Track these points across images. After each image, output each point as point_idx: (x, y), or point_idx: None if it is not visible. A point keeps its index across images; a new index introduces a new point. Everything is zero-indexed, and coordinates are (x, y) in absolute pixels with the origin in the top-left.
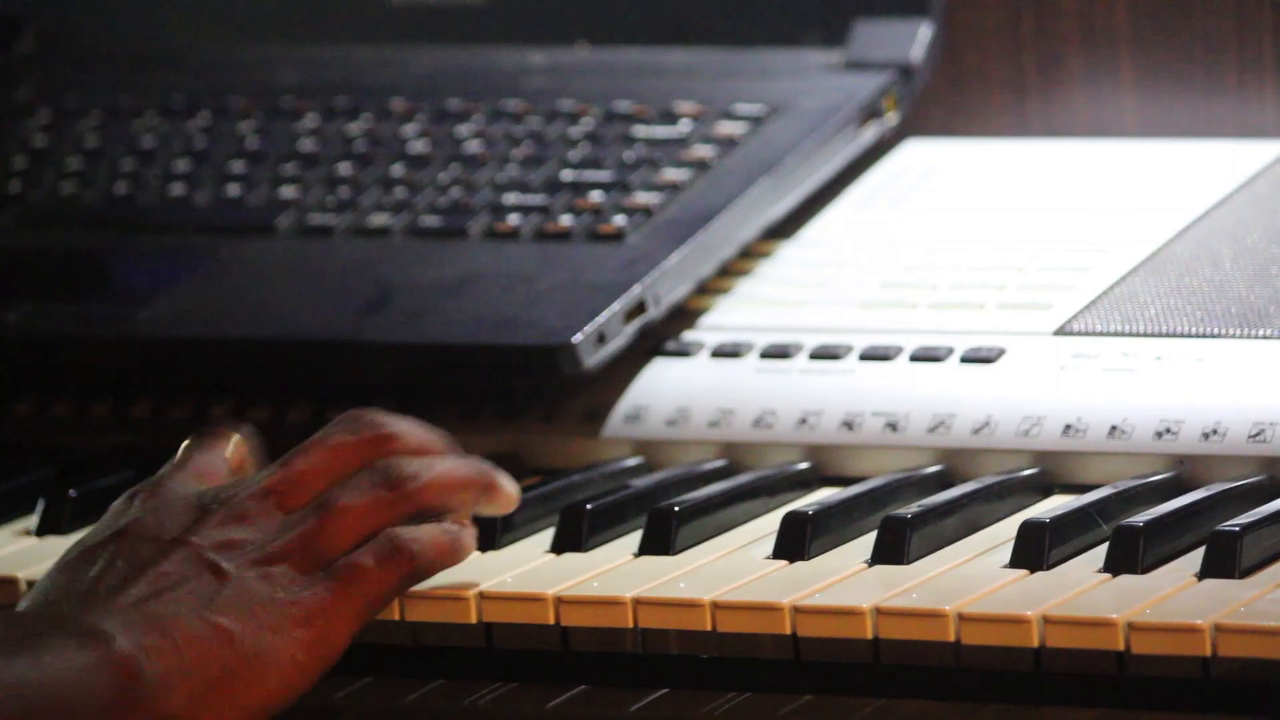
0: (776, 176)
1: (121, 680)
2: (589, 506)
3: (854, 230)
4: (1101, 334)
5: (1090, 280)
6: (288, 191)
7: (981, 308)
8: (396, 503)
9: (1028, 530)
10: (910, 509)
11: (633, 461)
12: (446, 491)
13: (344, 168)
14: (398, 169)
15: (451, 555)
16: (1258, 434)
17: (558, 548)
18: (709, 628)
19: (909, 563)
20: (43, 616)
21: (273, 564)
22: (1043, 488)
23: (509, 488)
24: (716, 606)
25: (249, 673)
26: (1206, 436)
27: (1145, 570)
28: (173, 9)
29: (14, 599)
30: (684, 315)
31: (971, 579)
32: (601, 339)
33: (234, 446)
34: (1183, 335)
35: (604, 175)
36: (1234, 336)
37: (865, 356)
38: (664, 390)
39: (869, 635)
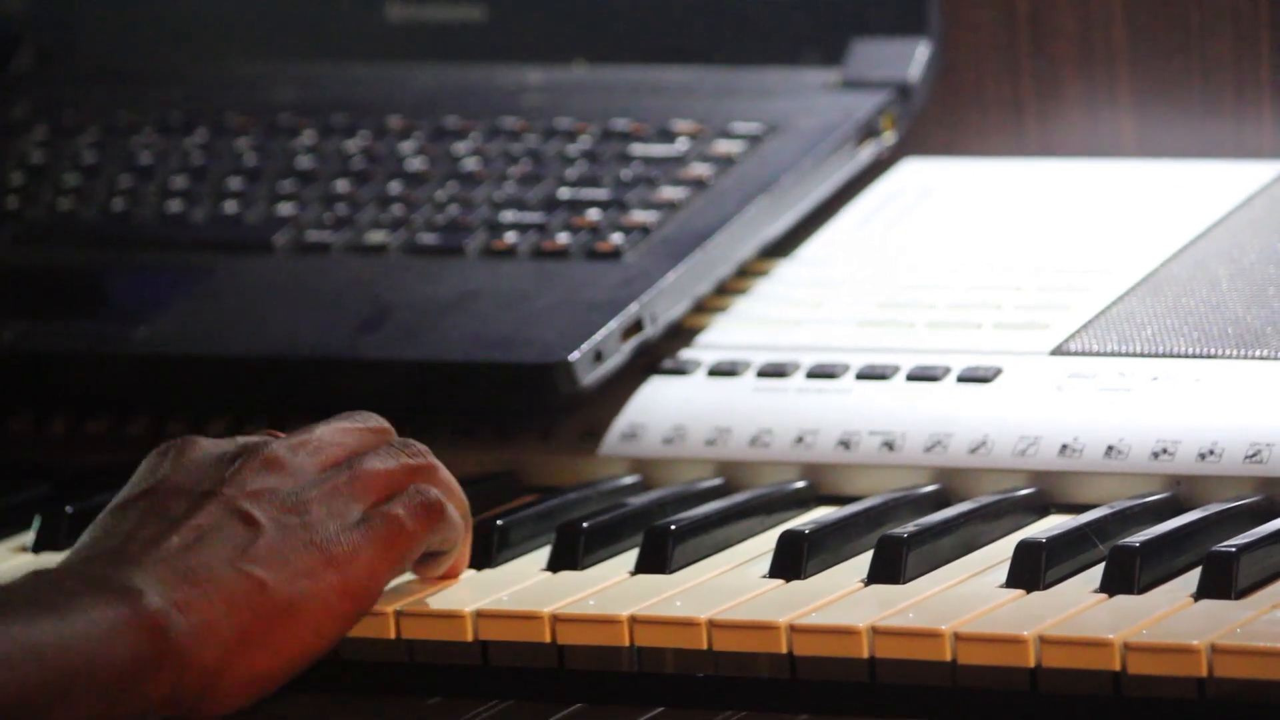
0: (774, 195)
1: (149, 638)
2: (585, 525)
3: (851, 249)
4: (1098, 354)
5: (1087, 300)
6: (285, 209)
7: (978, 327)
8: (420, 470)
9: (1024, 550)
10: (907, 528)
11: (629, 480)
12: (450, 485)
13: (341, 185)
14: (395, 186)
15: (465, 523)
16: (1254, 454)
17: (554, 566)
18: (705, 646)
19: (905, 582)
20: (75, 574)
21: (307, 512)
22: (1039, 507)
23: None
24: (713, 625)
25: (283, 621)
26: (1203, 457)
27: (1142, 590)
28: (171, 26)
29: None
30: (681, 334)
31: (968, 598)
32: (598, 357)
33: None
34: (1180, 356)
35: (601, 193)
36: (1231, 357)
37: (862, 376)
38: (661, 409)
39: (865, 654)
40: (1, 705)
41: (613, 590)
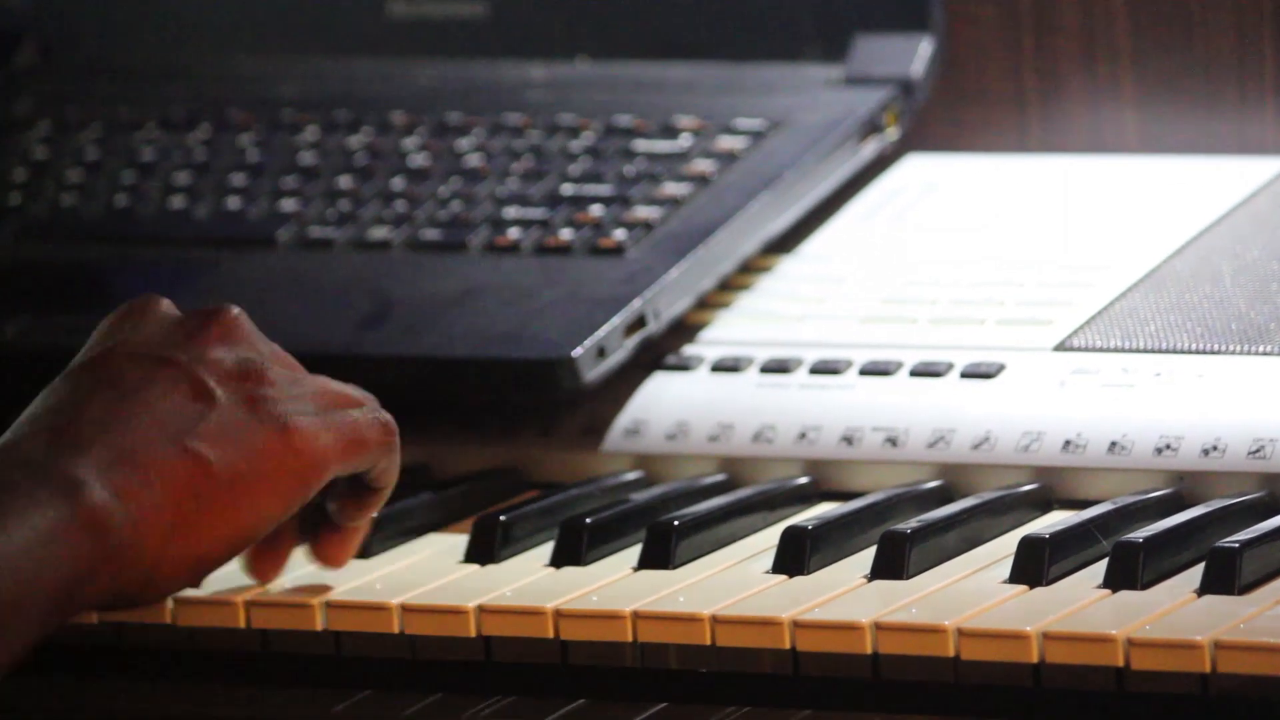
0: (777, 191)
1: (93, 535)
2: (588, 520)
3: (854, 245)
4: (1102, 350)
5: (1090, 296)
6: (288, 204)
7: (982, 323)
8: (381, 414)
9: (1027, 546)
10: (910, 524)
11: (632, 476)
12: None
13: (344, 181)
14: (398, 182)
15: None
16: (1257, 450)
17: (557, 561)
18: (708, 642)
19: (908, 578)
20: (18, 461)
21: (264, 384)
22: (1042, 503)
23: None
24: (716, 621)
25: (226, 502)
26: (1206, 453)
27: (1145, 586)
28: (173, 22)
29: None
30: (684, 329)
31: (971, 594)
32: (601, 353)
33: None
34: (1183, 351)
35: (604, 189)
36: (1234, 353)
37: (865, 371)
38: (664, 404)
39: (868, 650)
40: None
41: (616, 586)
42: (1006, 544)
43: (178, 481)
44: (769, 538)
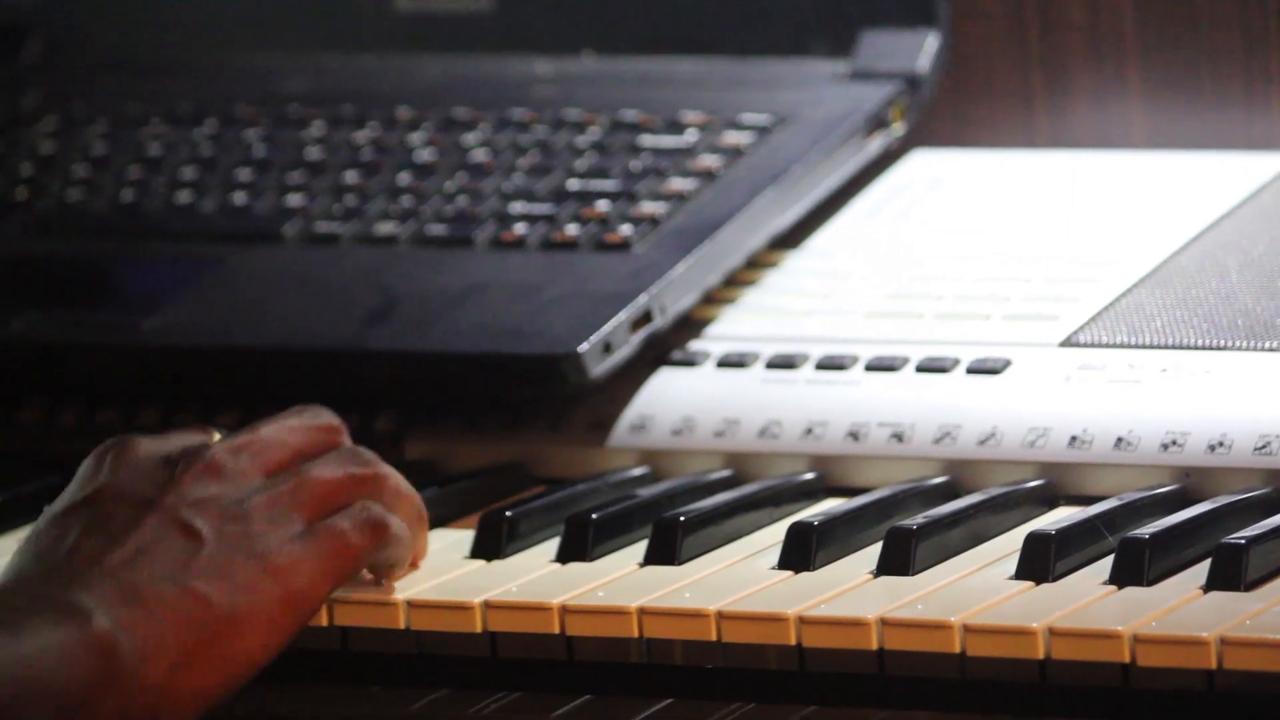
0: (783, 187)
1: (100, 658)
2: (594, 516)
3: (860, 241)
4: (1108, 346)
5: (1097, 292)
6: (294, 200)
7: (987, 319)
8: (367, 481)
9: (1033, 542)
10: (916, 520)
11: (638, 471)
12: (399, 492)
13: (350, 176)
14: (404, 177)
15: (420, 522)
16: (1264, 446)
17: (563, 557)
18: (714, 638)
19: (914, 574)
20: (20, 593)
21: (249, 521)
22: (1048, 499)
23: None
24: (722, 617)
25: (226, 634)
26: (1213, 449)
27: (1151, 582)
28: (180, 17)
29: None
30: (690, 325)
31: (977, 590)
32: (607, 349)
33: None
34: (1189, 347)
35: (610, 185)
36: (1241, 349)
37: (871, 367)
38: (670, 400)
39: (874, 646)
40: None
41: (622, 582)
42: (1012, 540)
43: (180, 618)
44: (775, 533)
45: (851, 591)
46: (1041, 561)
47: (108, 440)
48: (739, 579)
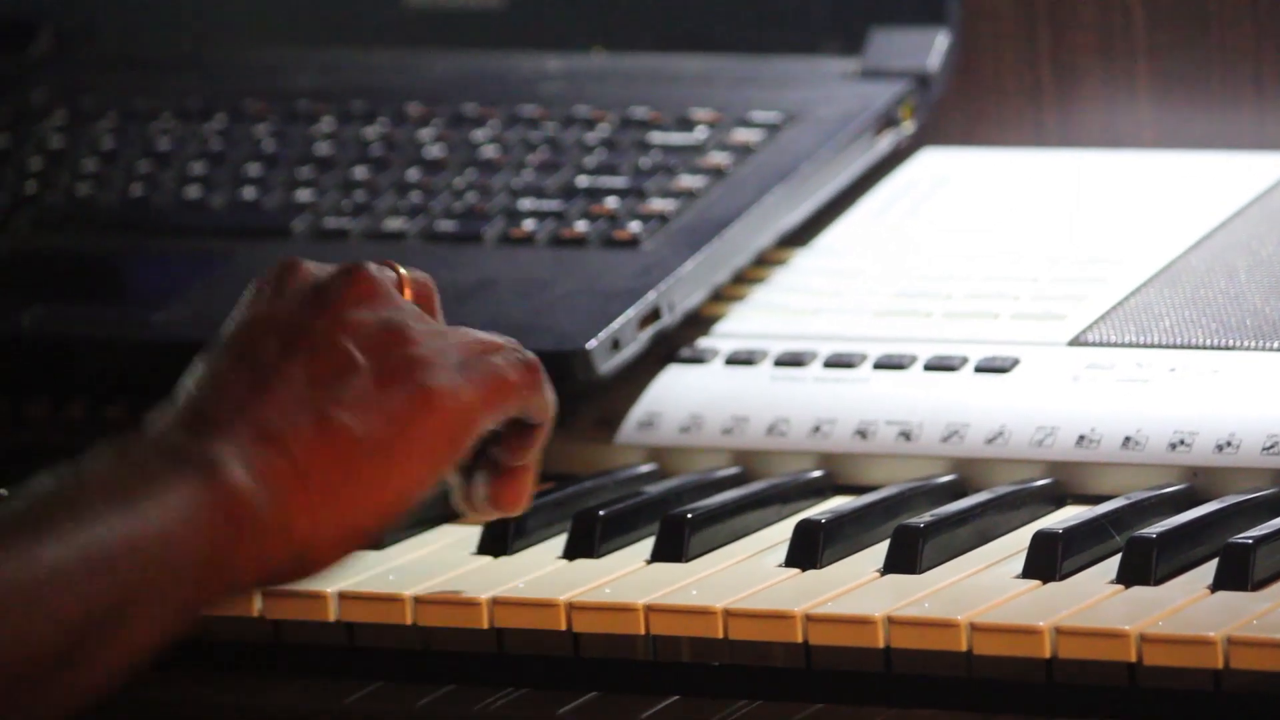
0: (792, 184)
1: (233, 516)
2: (602, 513)
3: (869, 239)
4: (1116, 345)
5: (1105, 291)
6: (303, 195)
7: (996, 317)
8: (517, 346)
9: (1041, 541)
10: (923, 518)
11: (646, 468)
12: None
13: (359, 171)
14: (413, 173)
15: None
16: (1272, 446)
17: (570, 554)
18: (721, 635)
19: (921, 572)
20: (157, 447)
21: (405, 343)
22: (1056, 498)
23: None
24: (728, 614)
25: (373, 466)
26: (1220, 448)
27: (1158, 582)
28: (189, 12)
29: None
30: (698, 322)
31: (984, 589)
32: (616, 345)
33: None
34: (1197, 347)
35: (620, 181)
36: (1249, 349)
37: (879, 365)
38: (678, 397)
39: (880, 644)
40: (68, 625)
41: (628, 578)
42: (1020, 539)
43: (322, 455)
44: (782, 531)
45: (858, 589)
46: (1048, 560)
47: (273, 265)
48: (746, 576)
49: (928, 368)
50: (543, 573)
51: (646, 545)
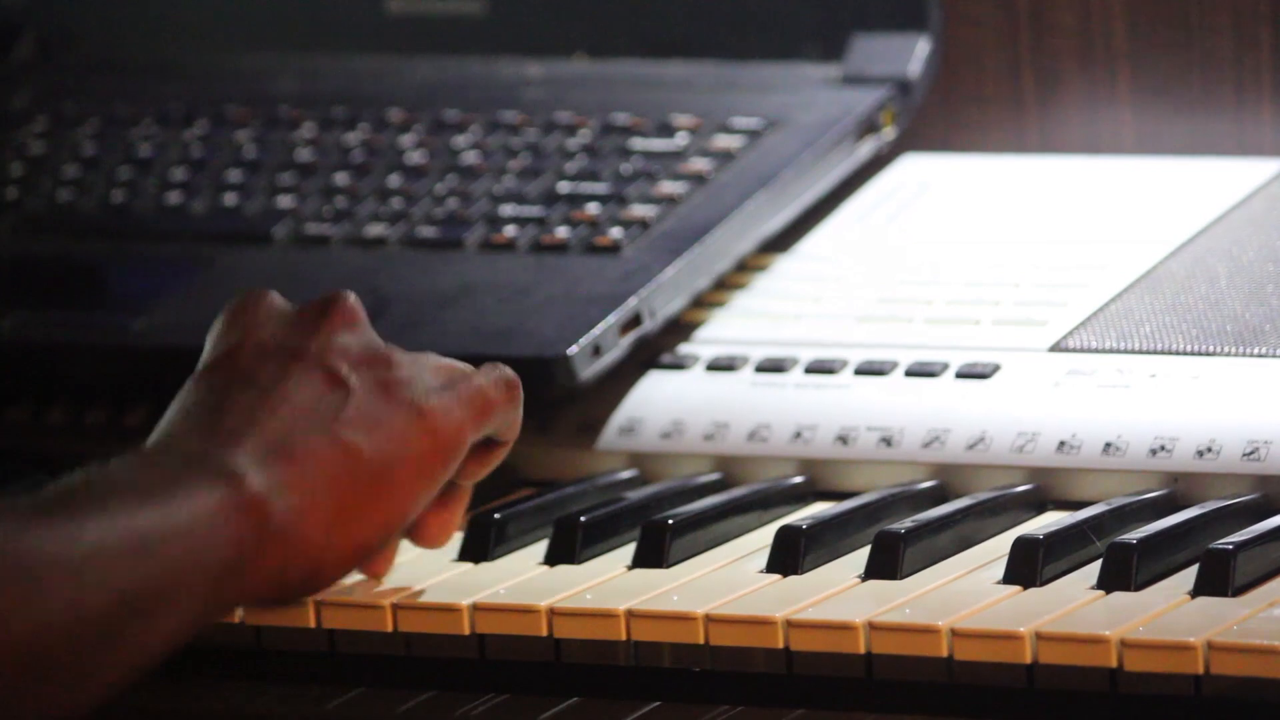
0: (773, 190)
1: (255, 521)
2: (583, 519)
3: (850, 245)
4: (1097, 351)
5: (1086, 297)
6: (284, 201)
7: (977, 324)
8: (493, 366)
9: (1021, 546)
10: (904, 524)
11: (627, 474)
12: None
13: (341, 178)
14: (394, 179)
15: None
16: (1252, 452)
17: (551, 560)
18: (702, 641)
19: (902, 578)
20: (170, 452)
21: (394, 368)
22: (1037, 504)
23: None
24: (709, 620)
25: (379, 484)
26: (1201, 454)
27: (1139, 587)
28: (171, 17)
29: None
30: (679, 328)
31: (965, 595)
32: (597, 351)
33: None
34: (1178, 353)
35: (601, 187)
36: (1229, 354)
37: (860, 371)
38: (659, 403)
39: (861, 650)
40: (110, 602)
41: (610, 584)
42: (1001, 544)
43: (333, 470)
44: (763, 537)
45: (839, 595)
46: (1029, 566)
47: (235, 296)
48: (727, 582)
49: (909, 374)
50: (524, 578)
51: (628, 551)
